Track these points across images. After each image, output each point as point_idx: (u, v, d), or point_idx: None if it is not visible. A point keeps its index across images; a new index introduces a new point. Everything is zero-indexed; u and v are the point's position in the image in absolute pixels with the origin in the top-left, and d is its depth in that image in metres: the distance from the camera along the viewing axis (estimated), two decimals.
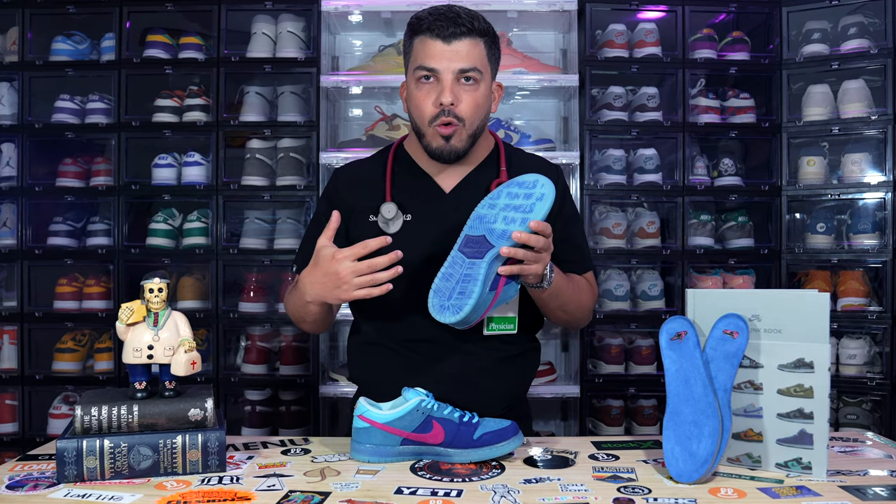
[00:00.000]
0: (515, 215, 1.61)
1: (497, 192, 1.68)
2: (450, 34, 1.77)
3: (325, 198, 2.04)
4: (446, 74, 1.78)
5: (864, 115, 3.24)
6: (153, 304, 1.56)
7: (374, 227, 1.90)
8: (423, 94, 1.81)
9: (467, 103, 1.80)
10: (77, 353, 3.38)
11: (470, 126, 1.82)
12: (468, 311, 1.57)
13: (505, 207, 1.64)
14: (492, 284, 1.61)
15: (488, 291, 1.60)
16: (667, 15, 3.42)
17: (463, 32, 1.78)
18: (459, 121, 1.80)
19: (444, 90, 1.77)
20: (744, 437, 1.58)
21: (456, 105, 1.79)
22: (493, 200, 1.67)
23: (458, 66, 1.77)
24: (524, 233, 1.57)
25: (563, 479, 1.52)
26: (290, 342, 3.37)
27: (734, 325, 1.54)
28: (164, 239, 3.37)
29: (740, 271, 3.36)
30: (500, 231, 1.61)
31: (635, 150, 3.42)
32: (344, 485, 1.48)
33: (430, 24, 1.79)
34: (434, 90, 1.79)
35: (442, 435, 1.62)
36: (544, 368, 3.35)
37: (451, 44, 1.77)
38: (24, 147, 3.37)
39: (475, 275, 1.58)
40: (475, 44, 1.80)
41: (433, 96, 1.79)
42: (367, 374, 1.98)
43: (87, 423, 1.50)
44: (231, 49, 3.37)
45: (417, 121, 1.85)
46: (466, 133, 1.82)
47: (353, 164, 2.07)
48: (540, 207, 1.60)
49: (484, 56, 1.83)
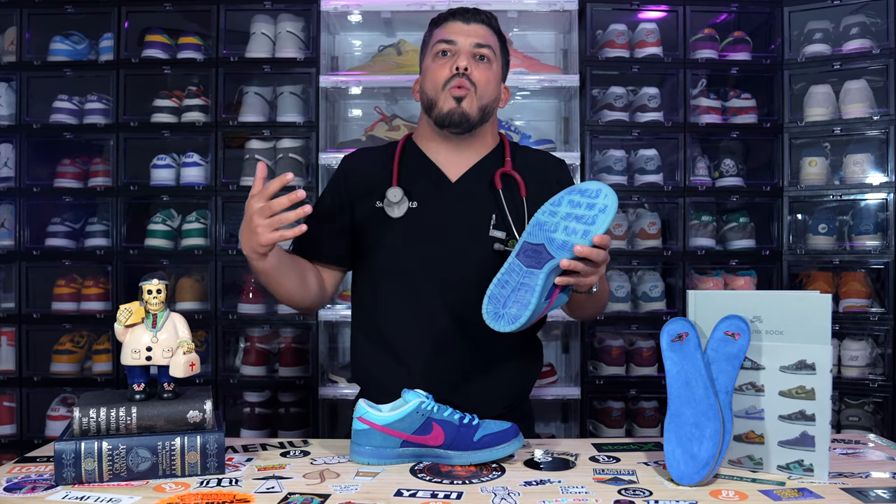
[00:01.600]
0: (577, 226, 1.59)
1: (558, 199, 1.65)
2: (470, 17, 1.93)
3: (331, 182, 2.06)
4: (464, 46, 1.90)
5: (866, 116, 3.23)
6: (152, 305, 1.55)
7: (379, 213, 1.93)
8: (439, 65, 1.92)
9: (480, 74, 1.90)
10: (75, 355, 3.37)
11: (481, 97, 1.90)
12: (524, 321, 1.55)
13: (566, 216, 1.62)
14: (547, 294, 1.59)
15: (544, 300, 1.59)
16: (668, 15, 3.41)
17: (481, 20, 1.94)
18: (472, 85, 1.89)
19: (461, 56, 1.89)
20: (745, 439, 1.57)
21: (470, 73, 1.88)
22: (553, 207, 1.65)
23: (474, 40, 1.91)
24: (586, 247, 1.56)
25: (563, 481, 1.51)
26: (290, 344, 3.36)
27: (735, 327, 1.54)
28: (162, 240, 3.36)
29: (742, 272, 3.35)
30: (560, 241, 1.59)
31: (636, 150, 3.41)
32: (343, 487, 1.47)
33: (452, 11, 1.96)
34: (449, 61, 1.90)
35: (442, 437, 1.61)
36: (545, 370, 3.33)
37: (470, 24, 1.93)
38: (22, 147, 3.36)
39: (532, 285, 1.57)
40: (490, 33, 1.95)
41: (449, 65, 1.90)
42: (370, 375, 1.98)
43: (85, 424, 1.49)
44: (230, 49, 3.36)
45: (431, 91, 1.92)
46: (477, 103, 1.90)
47: (362, 151, 2.13)
48: (603, 220, 1.58)
49: (497, 46, 1.97)
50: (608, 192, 1.60)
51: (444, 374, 1.84)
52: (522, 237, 1.64)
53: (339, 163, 2.09)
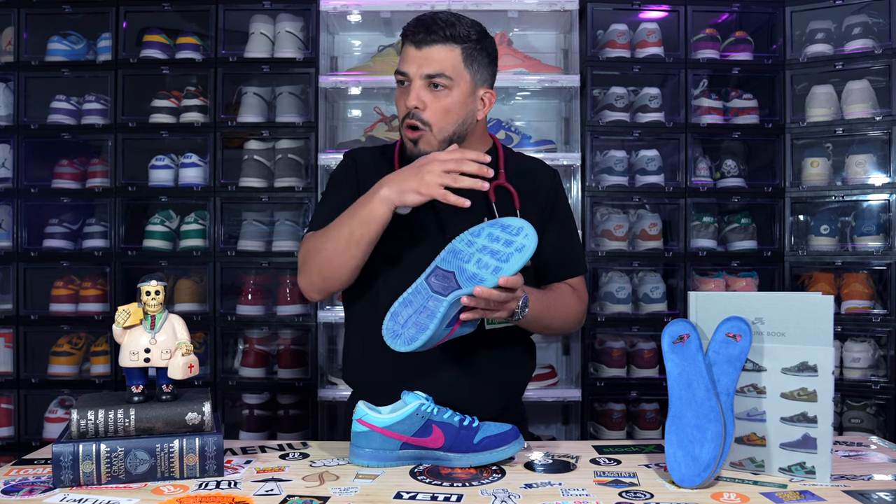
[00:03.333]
0: (490, 261, 1.59)
1: (479, 230, 1.65)
2: (420, 40, 1.81)
3: (343, 168, 2.04)
4: (414, 79, 1.82)
5: (868, 116, 3.22)
6: (150, 306, 1.55)
7: None
8: (399, 95, 1.87)
9: (434, 109, 1.82)
10: (73, 357, 3.36)
11: (439, 132, 1.84)
12: (419, 345, 1.56)
13: (482, 249, 1.62)
14: (450, 321, 1.59)
15: (444, 327, 1.59)
16: (669, 15, 3.41)
17: (435, 40, 1.81)
18: (425, 125, 1.83)
19: (410, 94, 1.82)
20: (747, 441, 1.57)
21: (422, 109, 1.82)
22: (472, 237, 1.65)
23: (424, 70, 1.81)
24: (486, 289, 1.55)
25: (564, 483, 1.51)
26: (289, 345, 3.35)
27: (737, 328, 1.53)
28: (161, 241, 3.36)
29: (743, 274, 3.34)
30: (470, 273, 1.59)
31: (637, 151, 3.40)
32: (343, 489, 1.47)
33: (408, 30, 1.85)
34: (407, 93, 1.84)
35: (442, 439, 1.61)
36: (545, 372, 3.32)
37: (422, 49, 1.82)
38: (20, 148, 3.36)
39: (434, 311, 1.57)
40: (448, 50, 1.82)
41: (404, 99, 1.85)
42: (363, 376, 1.96)
43: (83, 427, 1.49)
44: (229, 49, 3.36)
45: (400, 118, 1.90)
46: (436, 139, 1.84)
47: (365, 149, 2.12)
48: (516, 260, 1.57)
49: (459, 63, 1.84)
50: (529, 232, 1.60)
51: (437, 377, 1.82)
52: (435, 261, 1.65)
53: (346, 155, 2.07)
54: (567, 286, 1.98)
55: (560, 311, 1.92)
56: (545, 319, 1.85)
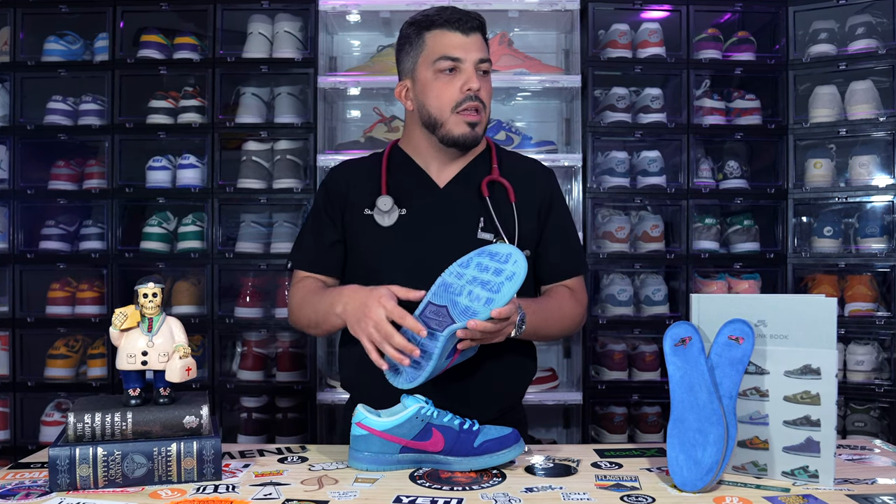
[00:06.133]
0: (481, 293, 1.59)
1: (466, 260, 1.66)
2: (468, 27, 1.87)
3: (322, 192, 2.06)
4: (469, 63, 1.86)
5: (871, 117, 3.21)
6: (147, 309, 1.54)
7: (369, 221, 1.93)
8: (444, 83, 1.87)
9: (486, 91, 1.89)
10: (70, 360, 3.35)
11: (488, 113, 1.92)
12: (421, 381, 1.59)
13: (472, 280, 1.62)
14: (449, 353, 1.61)
15: (444, 360, 1.60)
16: (671, 15, 3.40)
17: (476, 27, 1.89)
18: (483, 107, 1.88)
19: (472, 77, 1.85)
20: (749, 444, 1.56)
21: (479, 92, 1.87)
22: (461, 269, 1.65)
23: (478, 55, 1.87)
24: (480, 323, 1.57)
25: (565, 487, 1.51)
26: (287, 348, 3.33)
27: (740, 331, 1.52)
28: (158, 243, 3.34)
29: (746, 276, 3.33)
30: (462, 307, 1.60)
31: (639, 152, 3.39)
32: (342, 493, 1.47)
33: (447, 17, 1.88)
34: (456, 79, 1.86)
35: (442, 443, 1.61)
36: (546, 375, 3.30)
37: (470, 36, 1.87)
38: (16, 149, 3.34)
39: (432, 348, 1.58)
40: (482, 38, 1.91)
41: (456, 84, 1.86)
42: (360, 379, 1.95)
43: (80, 430, 1.49)
44: (227, 49, 3.34)
45: (436, 111, 1.88)
46: (485, 121, 1.91)
47: (349, 162, 2.14)
48: (508, 289, 1.57)
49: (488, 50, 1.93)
50: (518, 258, 1.60)
51: (437, 380, 1.81)
52: (427, 296, 1.66)
53: (330, 171, 2.10)
54: (565, 289, 1.98)
55: (558, 319, 1.93)
56: (543, 330, 1.88)
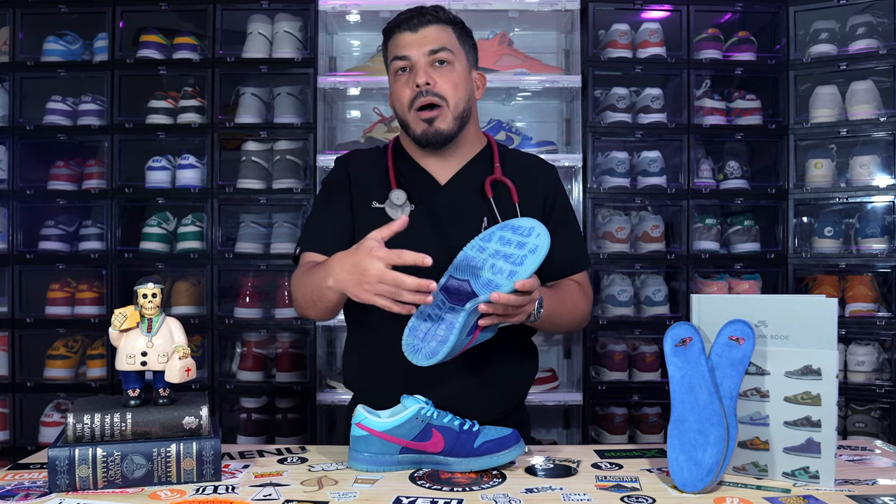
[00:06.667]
0: (504, 266, 1.56)
1: (489, 234, 1.63)
2: (415, 24, 1.86)
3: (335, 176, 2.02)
4: (418, 58, 1.84)
5: (872, 117, 3.20)
6: (147, 309, 1.54)
7: (378, 214, 1.90)
8: (401, 84, 1.87)
9: (444, 84, 1.84)
10: (69, 360, 3.34)
11: (455, 107, 1.86)
12: (441, 358, 1.52)
13: (494, 254, 1.60)
14: (469, 330, 1.57)
15: (465, 336, 1.56)
16: (671, 14, 3.39)
17: (428, 21, 1.86)
18: (442, 100, 1.84)
19: (419, 72, 1.83)
20: (750, 445, 1.56)
21: (433, 85, 1.83)
22: (483, 243, 1.63)
23: (427, 48, 1.84)
24: (504, 295, 1.51)
25: (565, 488, 1.50)
26: (287, 349, 3.33)
27: (740, 332, 1.52)
28: (158, 243, 3.34)
29: (746, 276, 3.32)
30: (485, 280, 1.57)
31: (639, 152, 3.38)
32: (342, 494, 1.46)
33: (397, 21, 1.88)
34: (410, 78, 1.85)
35: (442, 443, 1.60)
36: (546, 375, 3.30)
37: (419, 31, 1.85)
38: (16, 150, 3.34)
39: (453, 322, 1.53)
40: (443, 29, 1.88)
41: (409, 83, 1.85)
42: (363, 380, 1.95)
43: (79, 431, 1.49)
44: (226, 49, 3.34)
45: (400, 112, 1.90)
46: (452, 115, 1.85)
47: (357, 152, 2.11)
48: (531, 262, 1.54)
49: (454, 40, 1.89)
50: (541, 232, 1.57)
51: (438, 379, 1.81)
52: (448, 270, 1.63)
53: (338, 160, 2.05)
54: (573, 282, 1.97)
55: (570, 308, 1.91)
56: (556, 318, 1.84)
